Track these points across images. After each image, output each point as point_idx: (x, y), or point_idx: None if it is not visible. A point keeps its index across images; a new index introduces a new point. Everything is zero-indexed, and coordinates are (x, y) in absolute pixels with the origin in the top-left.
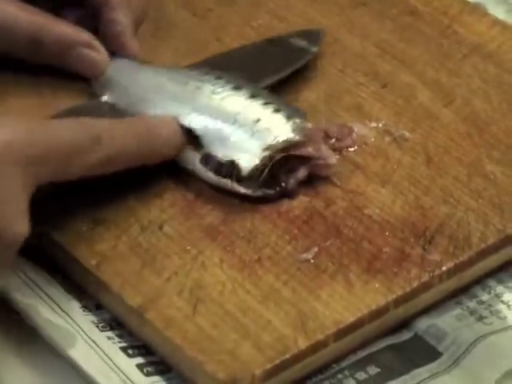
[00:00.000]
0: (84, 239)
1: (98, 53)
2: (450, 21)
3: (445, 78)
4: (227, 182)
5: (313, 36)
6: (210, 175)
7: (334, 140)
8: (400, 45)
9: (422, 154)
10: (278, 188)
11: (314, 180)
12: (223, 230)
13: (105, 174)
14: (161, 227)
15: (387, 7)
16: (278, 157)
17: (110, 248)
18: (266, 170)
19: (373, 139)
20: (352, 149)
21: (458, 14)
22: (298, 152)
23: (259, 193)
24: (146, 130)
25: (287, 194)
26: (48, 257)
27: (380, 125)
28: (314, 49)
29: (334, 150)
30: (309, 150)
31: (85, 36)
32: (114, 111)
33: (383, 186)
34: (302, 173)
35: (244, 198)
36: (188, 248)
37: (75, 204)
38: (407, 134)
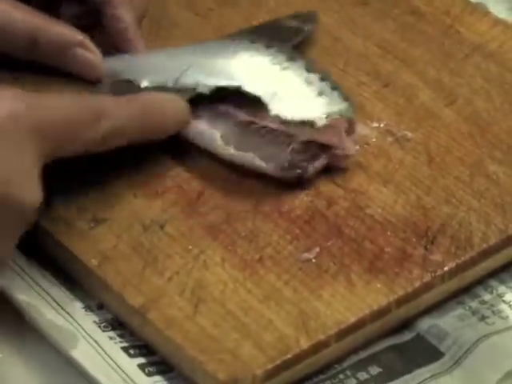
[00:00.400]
0: (85, 239)
1: (92, 53)
2: (452, 20)
3: (447, 77)
4: (250, 157)
5: (305, 17)
6: (230, 150)
7: None
8: (402, 44)
9: (423, 154)
10: (297, 173)
11: (317, 180)
12: (225, 230)
13: (110, 148)
14: (162, 226)
15: (389, 7)
16: (301, 140)
17: (112, 247)
18: (288, 151)
19: (374, 139)
20: (355, 152)
21: (460, 13)
22: (323, 139)
23: (279, 174)
24: (151, 105)
25: (304, 182)
26: (50, 256)
27: (382, 125)
28: (309, 27)
29: None
30: (331, 138)
31: (80, 37)
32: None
33: (385, 185)
34: (321, 161)
35: (247, 194)
36: (190, 247)
37: (77, 202)
38: (409, 134)
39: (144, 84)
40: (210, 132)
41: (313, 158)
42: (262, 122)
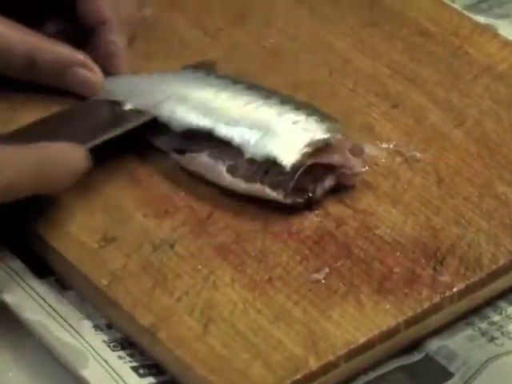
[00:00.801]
0: (95, 258)
1: (93, 73)
2: (461, 41)
3: (456, 98)
4: (259, 187)
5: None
6: (238, 183)
7: None
8: (411, 65)
9: (433, 175)
10: (306, 196)
11: (326, 200)
12: (234, 250)
13: (4, 202)
14: (172, 246)
15: (398, 28)
16: (306, 165)
17: (122, 267)
18: (296, 177)
19: (384, 160)
20: (363, 169)
21: (469, 34)
22: (324, 160)
23: (289, 200)
24: (46, 157)
25: (313, 204)
26: (59, 275)
27: (391, 145)
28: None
29: None
30: (335, 158)
31: (80, 56)
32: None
33: (394, 206)
34: (329, 182)
35: (257, 214)
36: (199, 267)
37: (87, 222)
38: (418, 155)
39: (128, 106)
40: (214, 165)
41: (319, 180)
42: None
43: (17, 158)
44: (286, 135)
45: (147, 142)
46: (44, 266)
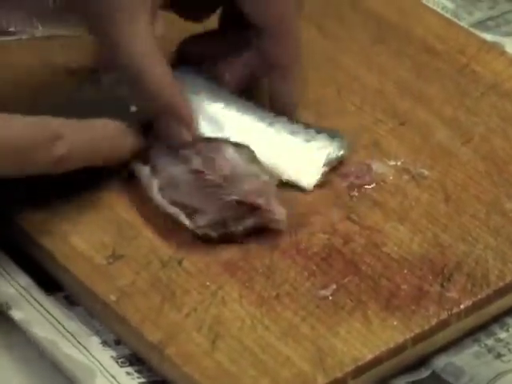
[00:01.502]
0: (104, 274)
1: (186, 130)
2: (468, 59)
3: (463, 116)
4: (176, 212)
5: None
6: (162, 201)
7: (352, 177)
8: (418, 83)
9: (440, 192)
10: (224, 231)
11: (333, 217)
12: (242, 266)
13: (63, 171)
14: (180, 262)
15: (405, 45)
16: (231, 200)
17: (130, 283)
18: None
19: (391, 177)
20: (370, 186)
21: (476, 52)
22: (249, 200)
23: (201, 231)
24: (103, 130)
25: (230, 240)
26: (67, 291)
27: (398, 163)
28: None
29: (353, 187)
30: (259, 202)
31: (185, 111)
32: None
33: (401, 223)
34: (251, 222)
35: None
36: (207, 283)
37: (95, 238)
38: (425, 172)
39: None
40: (149, 179)
41: (242, 218)
42: (208, 175)
43: (73, 132)
44: (301, 155)
45: None
46: (52, 282)
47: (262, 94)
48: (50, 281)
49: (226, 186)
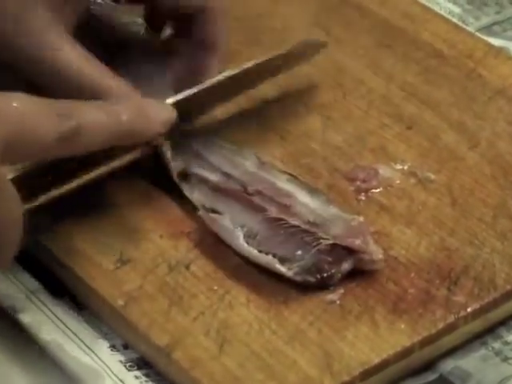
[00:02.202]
0: (111, 279)
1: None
2: (475, 64)
3: (470, 120)
4: (269, 260)
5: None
6: (251, 251)
7: (359, 182)
8: (425, 87)
9: (447, 196)
10: (319, 276)
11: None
12: (250, 270)
13: (83, 152)
14: (188, 267)
15: (412, 50)
16: (326, 245)
17: (137, 288)
18: (313, 252)
19: (398, 181)
20: (377, 190)
21: (483, 57)
22: (345, 243)
23: (299, 278)
24: (133, 108)
25: (328, 285)
26: (75, 296)
27: (405, 167)
28: None
29: (360, 191)
30: (356, 243)
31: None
32: None
33: (408, 227)
34: (347, 265)
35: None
36: (215, 288)
37: (102, 243)
38: (432, 176)
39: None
40: (232, 230)
41: (339, 262)
42: (291, 220)
43: (105, 106)
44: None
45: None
46: (60, 286)
47: None
48: (57, 285)
49: (314, 230)
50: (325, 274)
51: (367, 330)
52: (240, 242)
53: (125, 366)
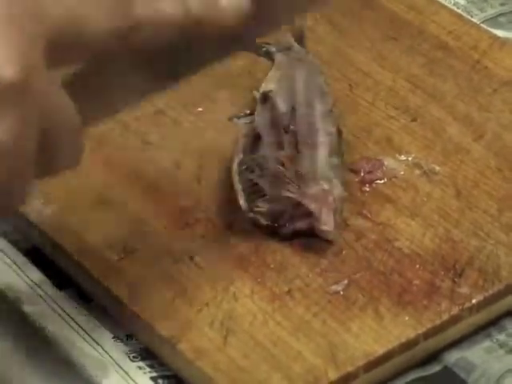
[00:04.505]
0: (115, 269)
1: None
2: (480, 56)
3: (475, 112)
4: (239, 190)
5: None
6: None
7: (364, 173)
8: (430, 79)
9: (451, 188)
10: (271, 223)
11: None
12: (254, 261)
13: (144, 47)
14: (192, 258)
15: (418, 42)
16: (293, 199)
17: (142, 278)
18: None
19: (403, 172)
20: (382, 181)
21: (488, 48)
22: (303, 202)
23: (252, 215)
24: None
25: (276, 234)
26: (79, 287)
27: (410, 158)
28: None
29: (364, 182)
30: (312, 206)
31: None
32: None
33: (413, 218)
34: (301, 224)
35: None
36: (219, 279)
37: (107, 234)
38: (437, 168)
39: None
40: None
41: (296, 218)
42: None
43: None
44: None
45: None
46: (65, 278)
47: None
48: (62, 276)
49: (297, 183)
50: (276, 224)
51: (371, 321)
52: (236, 162)
53: (128, 357)
